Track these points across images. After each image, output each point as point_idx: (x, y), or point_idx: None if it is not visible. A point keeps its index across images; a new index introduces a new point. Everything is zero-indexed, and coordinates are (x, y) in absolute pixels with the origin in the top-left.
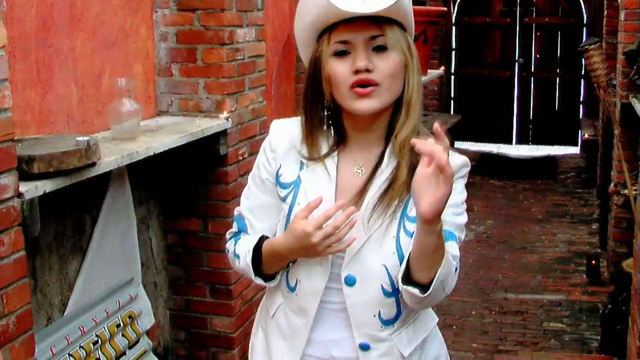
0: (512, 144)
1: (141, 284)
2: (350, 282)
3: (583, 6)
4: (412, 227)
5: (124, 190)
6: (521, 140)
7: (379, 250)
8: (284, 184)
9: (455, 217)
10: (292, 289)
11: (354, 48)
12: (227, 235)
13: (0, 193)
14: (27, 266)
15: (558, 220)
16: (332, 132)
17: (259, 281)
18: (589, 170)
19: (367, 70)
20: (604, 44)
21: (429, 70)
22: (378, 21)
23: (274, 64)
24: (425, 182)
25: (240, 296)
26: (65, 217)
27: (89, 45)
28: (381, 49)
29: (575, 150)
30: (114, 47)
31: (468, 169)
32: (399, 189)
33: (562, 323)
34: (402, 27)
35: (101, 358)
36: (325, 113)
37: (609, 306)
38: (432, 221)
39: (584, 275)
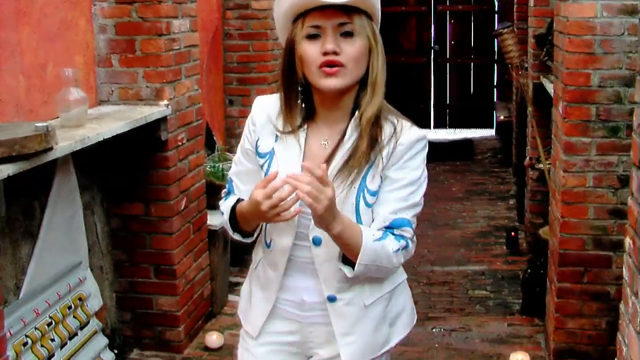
0: (430, 128)
1: (88, 268)
2: (317, 242)
3: None
4: (371, 199)
5: (69, 177)
6: (439, 125)
7: (342, 210)
8: (262, 153)
9: (410, 197)
10: (268, 246)
11: (324, 32)
12: (222, 194)
13: None
14: None
15: (477, 198)
16: (301, 107)
17: (237, 237)
18: (504, 151)
19: (335, 53)
20: (515, 28)
21: None
22: (347, 10)
23: (204, 54)
24: None
25: (183, 276)
26: (17, 203)
27: (33, 37)
28: (348, 34)
29: (490, 132)
30: (56, 39)
31: (424, 142)
32: (358, 159)
33: (486, 290)
34: (369, 17)
35: (55, 339)
36: (299, 89)
37: (529, 271)
38: (325, 230)
39: (504, 247)
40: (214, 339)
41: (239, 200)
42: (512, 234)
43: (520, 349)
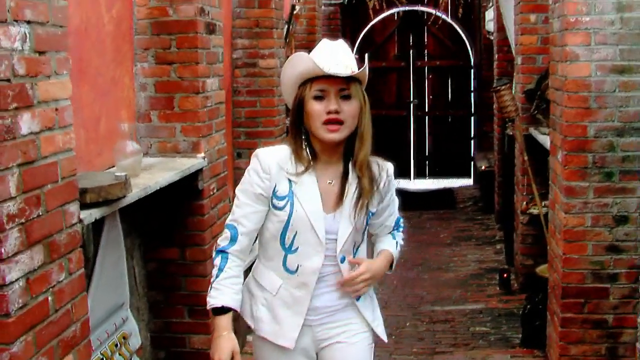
0: (410, 178)
1: (129, 308)
2: (342, 260)
3: (470, 50)
4: (371, 217)
5: (116, 223)
6: (418, 174)
7: (357, 236)
8: (280, 196)
9: (395, 205)
10: (293, 272)
11: (328, 95)
12: (219, 241)
13: (68, 219)
14: None
15: (465, 243)
16: (307, 152)
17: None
18: (485, 199)
19: (337, 112)
20: (495, 83)
21: None
22: (346, 78)
23: None
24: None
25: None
26: None
27: (91, 94)
28: (346, 97)
29: (468, 181)
30: (107, 96)
31: (390, 172)
32: (367, 195)
33: (486, 327)
34: (361, 83)
35: None
36: (303, 137)
37: (528, 307)
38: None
39: (497, 287)
40: None
41: (223, 308)
42: (505, 275)
43: None
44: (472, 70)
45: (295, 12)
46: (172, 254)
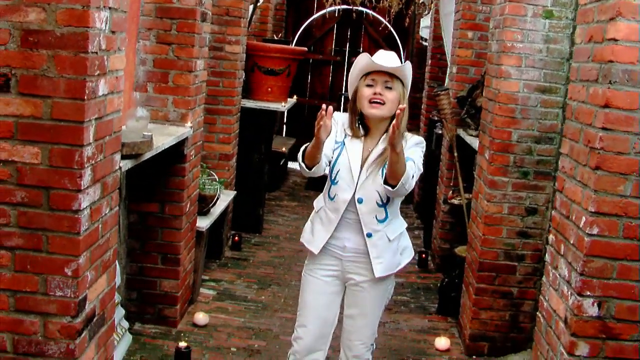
0: None
1: None
2: (360, 201)
3: (402, 51)
4: None
5: None
6: None
7: (374, 183)
8: (336, 142)
9: (418, 159)
10: (332, 199)
11: (376, 84)
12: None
13: (114, 165)
14: None
15: None
16: (358, 127)
17: (303, 167)
18: None
19: (380, 94)
20: (427, 86)
21: (289, 99)
22: (390, 75)
23: None
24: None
25: (182, 264)
26: None
27: None
28: (389, 88)
29: None
30: None
31: (421, 142)
32: (386, 156)
33: (407, 297)
34: (402, 84)
35: None
36: (357, 117)
37: (446, 280)
38: (395, 148)
39: (416, 266)
40: (200, 317)
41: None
42: (423, 255)
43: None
44: None
45: (259, 4)
46: (152, 207)
